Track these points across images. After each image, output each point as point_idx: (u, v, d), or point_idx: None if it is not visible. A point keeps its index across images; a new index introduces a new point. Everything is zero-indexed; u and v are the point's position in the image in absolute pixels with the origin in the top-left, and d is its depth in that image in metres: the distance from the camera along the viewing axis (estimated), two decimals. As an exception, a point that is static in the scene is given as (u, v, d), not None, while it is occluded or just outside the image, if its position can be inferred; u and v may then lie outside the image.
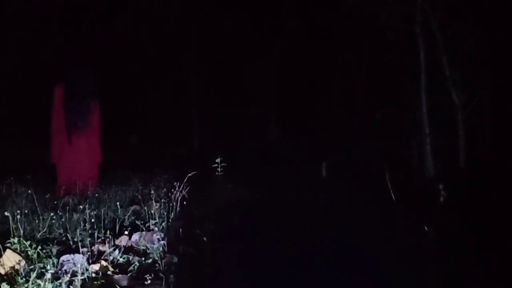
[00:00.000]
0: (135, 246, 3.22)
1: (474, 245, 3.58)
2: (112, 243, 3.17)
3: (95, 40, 10.40)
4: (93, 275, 2.56)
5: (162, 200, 4.27)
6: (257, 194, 6.01)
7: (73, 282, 2.40)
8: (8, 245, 2.77)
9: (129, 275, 2.68)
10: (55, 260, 2.70)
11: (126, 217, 3.91)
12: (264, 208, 5.25)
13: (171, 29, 12.22)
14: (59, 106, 5.28)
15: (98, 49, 10.23)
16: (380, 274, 2.99)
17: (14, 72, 9.73)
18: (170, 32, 12.20)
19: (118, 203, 3.95)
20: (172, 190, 4.32)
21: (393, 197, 5.08)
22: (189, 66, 13.99)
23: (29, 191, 4.01)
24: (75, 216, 3.70)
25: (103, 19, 10.68)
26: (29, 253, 2.69)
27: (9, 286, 2.29)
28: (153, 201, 3.91)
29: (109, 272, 2.69)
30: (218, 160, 6.39)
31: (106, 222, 3.66)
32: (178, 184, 4.27)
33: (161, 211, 3.91)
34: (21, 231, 3.01)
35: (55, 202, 4.18)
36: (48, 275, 2.27)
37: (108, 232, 3.29)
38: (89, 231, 3.31)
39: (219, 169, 6.41)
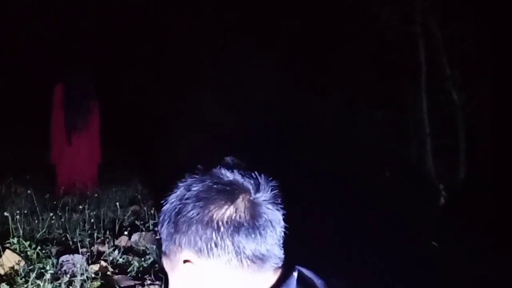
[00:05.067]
0: (135, 246, 3.22)
1: (474, 245, 3.57)
2: (112, 244, 3.17)
3: (95, 39, 10.38)
4: (93, 275, 2.56)
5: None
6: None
7: (73, 283, 2.39)
8: (8, 245, 2.76)
9: (128, 275, 2.67)
10: (55, 261, 2.69)
11: (126, 217, 3.91)
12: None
13: (171, 29, 12.21)
14: (59, 107, 5.28)
15: (98, 49, 10.22)
16: (377, 273, 2.98)
17: (14, 71, 9.71)
18: (169, 32, 12.20)
19: (117, 203, 3.94)
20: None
21: (393, 196, 5.08)
22: (189, 66, 13.99)
23: (29, 191, 4.00)
24: (75, 216, 3.70)
25: (104, 18, 10.67)
26: (28, 253, 2.69)
27: (8, 287, 2.29)
28: (153, 201, 3.91)
29: (108, 273, 2.68)
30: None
31: (105, 222, 3.65)
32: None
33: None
34: (21, 232, 3.00)
35: (55, 202, 4.18)
36: (48, 276, 2.27)
37: (107, 232, 3.29)
38: (89, 232, 3.31)
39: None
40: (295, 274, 0.76)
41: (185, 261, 0.73)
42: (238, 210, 0.71)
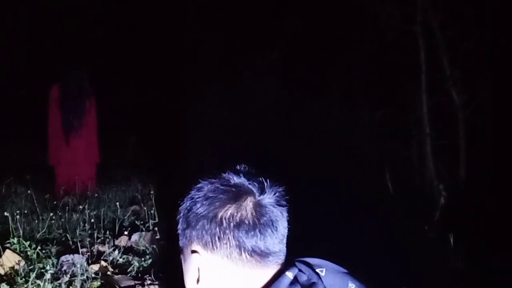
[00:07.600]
0: (135, 246, 3.22)
1: (474, 245, 3.57)
2: (112, 244, 3.17)
3: (93, 38, 10.38)
4: (93, 275, 2.56)
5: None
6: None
7: (73, 283, 2.39)
8: (8, 245, 2.76)
9: (128, 275, 2.67)
10: (55, 261, 2.69)
11: (126, 217, 3.91)
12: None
13: (169, 28, 12.21)
14: (55, 107, 5.27)
15: (96, 48, 10.22)
16: (377, 274, 2.98)
17: (13, 72, 9.72)
18: (167, 31, 12.20)
19: (117, 203, 3.94)
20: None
21: (393, 196, 5.08)
22: (190, 66, 13.97)
23: (29, 191, 4.00)
24: (75, 216, 3.70)
25: (102, 16, 10.67)
26: (28, 253, 2.69)
27: (8, 286, 2.29)
28: (153, 201, 3.91)
29: (108, 273, 2.68)
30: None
31: (105, 222, 3.65)
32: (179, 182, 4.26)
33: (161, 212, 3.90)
34: (21, 232, 3.00)
35: (55, 202, 4.18)
36: (48, 276, 2.27)
37: (107, 232, 3.29)
38: (89, 231, 3.31)
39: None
40: (289, 274, 0.78)
41: (193, 251, 0.81)
42: (241, 209, 0.78)
